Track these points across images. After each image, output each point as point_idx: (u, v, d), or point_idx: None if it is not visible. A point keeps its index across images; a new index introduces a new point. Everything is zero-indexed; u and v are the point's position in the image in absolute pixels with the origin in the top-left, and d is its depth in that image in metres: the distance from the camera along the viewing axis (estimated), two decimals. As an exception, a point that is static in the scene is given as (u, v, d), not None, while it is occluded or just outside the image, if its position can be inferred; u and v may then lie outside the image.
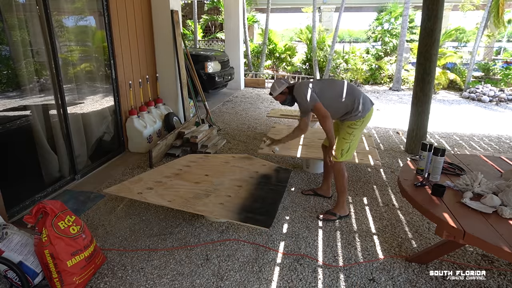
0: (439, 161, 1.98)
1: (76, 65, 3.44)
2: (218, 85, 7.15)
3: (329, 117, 2.45)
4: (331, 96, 2.52)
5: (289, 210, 2.84)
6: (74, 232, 1.89)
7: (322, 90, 2.53)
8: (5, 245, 1.81)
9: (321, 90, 2.52)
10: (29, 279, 1.85)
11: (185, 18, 14.19)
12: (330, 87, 2.60)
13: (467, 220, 1.59)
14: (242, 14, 8.69)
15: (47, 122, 3.03)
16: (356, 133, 2.54)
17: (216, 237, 2.44)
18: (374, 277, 2.05)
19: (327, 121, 2.46)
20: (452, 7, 13.98)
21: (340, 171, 2.60)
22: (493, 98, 7.82)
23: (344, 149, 2.55)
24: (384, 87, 9.73)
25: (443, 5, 3.79)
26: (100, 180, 3.36)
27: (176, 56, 4.64)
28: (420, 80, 3.97)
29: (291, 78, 10.03)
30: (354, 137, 2.55)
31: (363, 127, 2.57)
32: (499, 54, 13.08)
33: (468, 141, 4.84)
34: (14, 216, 2.62)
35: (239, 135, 4.89)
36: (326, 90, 2.55)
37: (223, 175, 2.98)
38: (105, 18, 3.61)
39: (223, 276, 2.05)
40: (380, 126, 5.57)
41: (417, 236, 2.50)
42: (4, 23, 2.62)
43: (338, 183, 2.64)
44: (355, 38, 16.42)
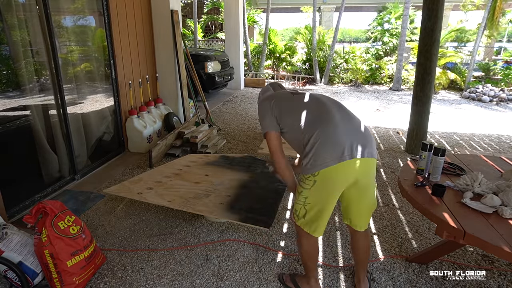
0: (439, 161, 1.98)
1: (76, 65, 3.44)
2: (218, 85, 7.15)
3: (277, 154, 1.72)
4: (291, 123, 1.67)
5: (289, 210, 2.84)
6: (74, 232, 1.89)
7: (284, 109, 1.72)
8: (5, 245, 1.81)
9: (282, 110, 1.72)
10: (29, 279, 1.85)
11: (185, 18, 14.19)
12: (294, 106, 1.72)
13: (467, 220, 1.58)
14: (242, 14, 8.69)
15: (47, 122, 3.03)
16: (307, 195, 1.59)
17: (216, 237, 2.44)
18: (374, 277, 2.05)
19: (276, 158, 1.73)
20: (452, 7, 13.98)
21: (298, 238, 1.76)
22: (493, 98, 7.82)
23: (297, 211, 1.67)
24: (384, 87, 9.73)
25: (443, 5, 3.79)
26: (100, 180, 3.36)
27: (176, 56, 4.63)
28: (420, 80, 3.97)
29: (291, 78, 10.02)
30: (308, 201, 1.60)
31: (321, 192, 1.56)
32: (499, 54, 13.08)
33: (468, 141, 4.84)
34: (14, 216, 2.62)
35: (239, 135, 4.89)
36: (289, 110, 1.71)
37: (223, 175, 2.98)
38: (105, 18, 3.61)
39: (223, 276, 2.05)
40: (380, 126, 5.57)
41: (417, 236, 2.50)
42: (4, 23, 2.62)
43: (299, 250, 1.82)
44: (355, 38, 16.41)
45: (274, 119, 1.72)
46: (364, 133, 1.59)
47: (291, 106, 1.73)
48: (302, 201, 1.63)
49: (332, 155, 1.50)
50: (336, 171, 1.51)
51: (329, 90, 9.17)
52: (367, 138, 1.58)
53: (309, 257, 1.78)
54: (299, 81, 9.70)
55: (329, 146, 1.51)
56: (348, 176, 1.54)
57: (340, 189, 1.59)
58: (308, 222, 1.65)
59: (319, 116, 1.61)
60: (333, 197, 1.60)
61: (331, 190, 1.56)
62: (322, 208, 1.61)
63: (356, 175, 1.56)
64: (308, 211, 1.63)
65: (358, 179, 1.58)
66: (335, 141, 1.52)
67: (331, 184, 1.55)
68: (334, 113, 1.61)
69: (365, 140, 1.56)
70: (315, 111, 1.65)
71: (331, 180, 1.54)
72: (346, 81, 10.18)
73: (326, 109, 1.64)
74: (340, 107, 1.70)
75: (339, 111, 1.65)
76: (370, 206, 1.73)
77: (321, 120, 1.59)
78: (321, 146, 1.51)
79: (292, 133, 1.69)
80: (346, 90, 9.22)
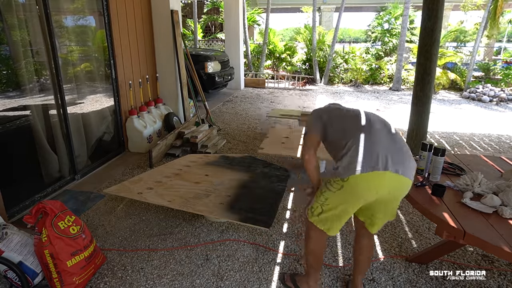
0: (439, 161, 1.98)
1: (76, 65, 3.45)
2: (218, 85, 7.15)
3: (312, 151, 1.74)
4: (336, 127, 1.73)
5: (289, 210, 2.84)
6: (74, 232, 1.89)
7: (333, 115, 1.78)
8: (5, 245, 1.81)
9: (331, 116, 1.78)
10: (29, 279, 1.85)
11: (185, 18, 14.19)
12: (343, 114, 1.78)
13: (467, 220, 1.58)
14: (242, 14, 8.69)
15: (47, 122, 3.03)
16: (329, 196, 1.59)
17: (216, 237, 2.44)
18: (374, 277, 2.05)
19: (309, 156, 1.74)
20: (452, 7, 13.99)
21: (307, 234, 1.77)
22: (493, 98, 7.82)
23: (314, 208, 1.69)
24: (384, 87, 9.73)
25: (443, 5, 3.79)
26: (100, 180, 3.36)
27: (176, 56, 4.63)
28: (420, 80, 3.97)
29: (291, 78, 10.02)
30: (327, 202, 1.61)
31: (346, 197, 1.55)
32: (499, 54, 13.08)
33: (468, 141, 4.84)
34: (14, 216, 2.62)
35: (239, 135, 4.89)
36: (337, 116, 1.78)
37: (223, 175, 2.98)
38: (105, 18, 3.61)
39: (223, 276, 2.05)
40: (380, 126, 5.56)
41: (417, 236, 2.50)
42: (4, 23, 2.62)
43: (304, 249, 1.85)
44: (355, 38, 16.42)
45: (320, 125, 1.75)
46: (404, 153, 1.56)
47: (340, 113, 1.78)
48: (321, 201, 1.63)
49: (365, 162, 1.48)
50: (366, 180, 1.48)
51: (329, 90, 9.17)
52: (405, 157, 1.54)
53: (315, 256, 1.78)
54: (299, 81, 9.70)
55: (364, 153, 1.50)
56: (378, 188, 1.50)
57: (367, 199, 1.55)
58: (322, 220, 1.65)
59: (362, 125, 1.64)
60: (356, 205, 1.58)
61: (355, 198, 1.54)
62: (341, 213, 1.61)
63: (387, 190, 1.51)
64: (324, 211, 1.63)
65: (387, 194, 1.53)
66: (371, 150, 1.51)
67: (358, 192, 1.52)
68: (377, 126, 1.63)
69: (402, 158, 1.53)
70: (359, 121, 1.67)
71: (359, 188, 1.50)
72: (346, 81, 10.18)
73: (371, 121, 1.65)
74: (386, 124, 1.68)
75: (384, 127, 1.65)
76: (389, 217, 1.72)
77: (363, 128, 1.61)
78: (356, 152, 1.52)
79: (334, 137, 1.71)
80: (346, 90, 9.22)
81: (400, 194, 1.59)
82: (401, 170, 1.49)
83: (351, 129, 1.64)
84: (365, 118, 1.69)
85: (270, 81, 10.24)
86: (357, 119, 1.68)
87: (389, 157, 1.49)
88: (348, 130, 1.64)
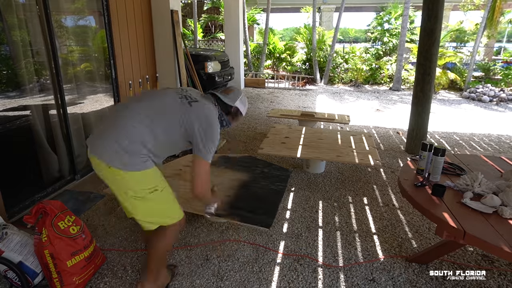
0: (439, 161, 1.98)
1: (76, 65, 3.44)
2: (218, 85, 7.14)
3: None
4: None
5: (289, 210, 2.84)
6: (74, 232, 1.89)
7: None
8: (5, 245, 1.81)
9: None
10: (29, 279, 1.85)
11: (185, 18, 14.19)
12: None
13: (467, 220, 1.58)
14: (242, 14, 8.69)
15: (47, 122, 3.03)
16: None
17: (216, 237, 2.44)
18: (374, 277, 2.05)
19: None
20: (452, 7, 13.98)
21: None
22: (493, 98, 7.82)
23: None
24: (384, 87, 9.73)
25: (443, 5, 3.79)
26: (100, 180, 3.35)
27: (176, 56, 4.63)
28: (420, 80, 3.97)
29: (291, 78, 10.02)
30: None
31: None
32: (499, 54, 13.09)
33: (468, 141, 4.84)
34: (14, 216, 2.62)
35: (239, 135, 4.89)
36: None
37: (223, 175, 2.98)
38: (105, 18, 3.61)
39: (223, 276, 2.05)
40: (380, 126, 5.57)
41: (417, 236, 2.50)
42: (4, 23, 2.62)
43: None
44: (355, 38, 16.42)
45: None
46: (117, 134, 1.50)
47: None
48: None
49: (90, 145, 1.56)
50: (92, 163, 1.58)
51: (329, 90, 9.17)
52: (108, 139, 1.50)
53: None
54: (299, 81, 9.70)
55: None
56: (97, 171, 1.59)
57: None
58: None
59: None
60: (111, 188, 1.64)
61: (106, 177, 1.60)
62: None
63: (100, 174, 1.59)
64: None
65: (100, 177, 1.60)
66: (97, 132, 1.59)
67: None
68: (127, 110, 1.58)
69: (102, 141, 1.52)
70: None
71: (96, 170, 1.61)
72: (346, 81, 10.19)
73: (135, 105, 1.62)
74: (151, 108, 1.58)
75: (141, 110, 1.57)
76: (128, 212, 1.66)
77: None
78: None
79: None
80: (346, 90, 9.22)
81: (109, 181, 1.59)
82: (99, 153, 1.52)
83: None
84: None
85: (270, 81, 10.24)
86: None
87: (97, 139, 1.55)
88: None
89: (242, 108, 1.83)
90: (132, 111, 1.57)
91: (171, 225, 1.70)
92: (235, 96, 1.79)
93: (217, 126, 1.64)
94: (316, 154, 3.31)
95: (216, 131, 1.62)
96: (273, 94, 8.32)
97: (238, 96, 1.80)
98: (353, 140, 3.71)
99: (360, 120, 5.94)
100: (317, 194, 3.12)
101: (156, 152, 1.58)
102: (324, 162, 3.66)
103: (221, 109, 1.75)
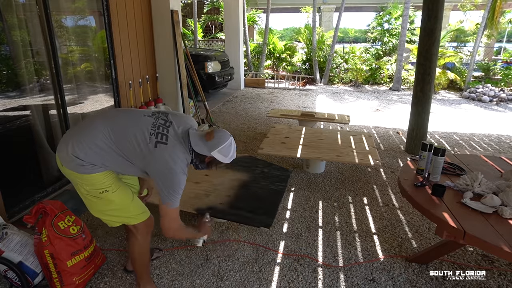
0: (439, 161, 1.98)
1: (76, 65, 3.44)
2: (218, 85, 7.15)
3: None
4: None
5: (289, 210, 2.84)
6: (74, 232, 1.89)
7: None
8: (5, 245, 1.81)
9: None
10: (29, 279, 1.85)
11: (185, 18, 14.19)
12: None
13: (467, 220, 1.59)
14: (242, 14, 8.69)
15: (47, 122, 3.03)
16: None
17: (216, 237, 2.44)
18: (374, 277, 2.05)
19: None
20: (452, 7, 13.99)
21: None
22: (493, 98, 7.82)
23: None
24: (384, 87, 9.73)
25: (443, 5, 3.79)
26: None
27: (176, 56, 4.64)
28: (420, 80, 3.97)
29: (291, 78, 10.02)
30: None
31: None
32: (499, 54, 13.09)
33: (468, 141, 4.84)
34: (14, 216, 2.62)
35: (239, 135, 4.89)
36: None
37: (223, 175, 2.98)
38: (105, 18, 3.61)
39: (223, 276, 2.05)
40: (380, 126, 5.57)
41: (417, 236, 2.50)
42: (4, 23, 2.62)
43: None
44: (355, 38, 16.43)
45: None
46: (72, 143, 1.51)
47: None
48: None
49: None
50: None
51: (329, 90, 9.17)
52: (67, 145, 1.52)
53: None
54: (299, 81, 9.70)
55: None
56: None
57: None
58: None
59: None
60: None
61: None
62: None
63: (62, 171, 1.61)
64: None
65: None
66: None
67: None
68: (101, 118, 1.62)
69: (63, 146, 1.54)
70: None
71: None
72: (346, 81, 10.18)
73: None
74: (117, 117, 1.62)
75: (108, 118, 1.60)
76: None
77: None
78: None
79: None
80: (346, 90, 9.22)
81: (70, 179, 1.62)
82: (58, 150, 1.56)
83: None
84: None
85: (270, 81, 10.24)
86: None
87: (63, 139, 1.59)
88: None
89: (220, 158, 1.59)
90: (90, 127, 1.56)
91: (138, 225, 1.75)
92: (216, 144, 1.57)
93: (180, 175, 1.52)
94: (316, 154, 3.31)
95: (177, 179, 1.50)
96: (273, 94, 8.32)
97: (219, 145, 1.57)
98: (353, 140, 3.71)
99: (360, 120, 5.94)
100: (317, 194, 3.12)
101: (107, 167, 1.57)
102: (324, 162, 3.66)
103: (196, 156, 1.60)
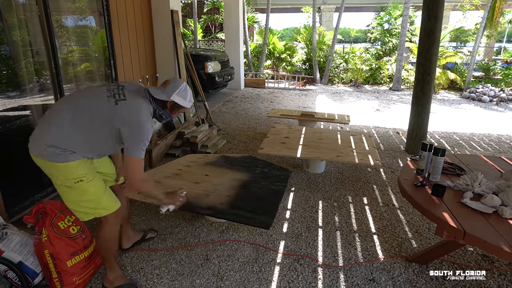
0: (439, 161, 1.98)
1: (76, 65, 3.44)
2: (218, 85, 7.15)
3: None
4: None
5: (289, 210, 2.84)
6: (74, 232, 1.89)
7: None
8: (5, 245, 1.81)
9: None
10: (29, 279, 1.85)
11: (185, 18, 14.19)
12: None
13: (467, 220, 1.58)
14: (242, 14, 8.69)
15: (47, 122, 3.03)
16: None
17: (216, 237, 2.44)
18: (374, 277, 2.05)
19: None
20: (452, 7, 13.99)
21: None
22: (493, 98, 7.82)
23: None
24: (384, 87, 9.73)
25: (443, 5, 3.79)
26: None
27: (176, 56, 4.64)
28: (420, 80, 3.97)
29: (291, 78, 10.02)
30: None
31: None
32: (499, 54, 13.09)
33: (468, 141, 4.84)
34: (14, 216, 2.62)
35: (239, 135, 4.89)
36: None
37: (223, 175, 2.98)
38: (105, 18, 3.61)
39: (223, 276, 2.05)
40: (380, 126, 5.57)
41: (417, 236, 2.50)
42: (4, 23, 2.62)
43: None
44: (355, 38, 16.43)
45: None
46: (40, 132, 1.60)
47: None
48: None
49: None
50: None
51: (329, 90, 9.17)
52: (38, 133, 1.61)
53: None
54: (299, 81, 9.70)
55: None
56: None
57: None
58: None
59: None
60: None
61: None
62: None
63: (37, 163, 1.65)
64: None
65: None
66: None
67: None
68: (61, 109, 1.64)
69: (34, 135, 1.62)
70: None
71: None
72: (346, 81, 10.19)
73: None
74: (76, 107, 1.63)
75: (71, 109, 1.62)
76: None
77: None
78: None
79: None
80: (346, 90, 9.22)
81: (48, 174, 1.66)
82: (30, 147, 1.63)
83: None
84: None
85: (270, 81, 10.24)
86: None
87: (32, 137, 1.64)
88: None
89: (180, 101, 1.73)
90: (55, 112, 1.62)
91: (108, 216, 1.77)
92: (172, 89, 1.71)
93: (146, 124, 1.61)
94: (316, 154, 3.31)
95: (144, 129, 1.60)
96: (273, 94, 8.32)
97: (175, 89, 1.71)
98: (353, 140, 3.71)
99: (360, 120, 5.94)
100: (317, 194, 3.12)
101: (81, 150, 1.61)
102: (324, 162, 3.66)
103: (157, 105, 1.72)
